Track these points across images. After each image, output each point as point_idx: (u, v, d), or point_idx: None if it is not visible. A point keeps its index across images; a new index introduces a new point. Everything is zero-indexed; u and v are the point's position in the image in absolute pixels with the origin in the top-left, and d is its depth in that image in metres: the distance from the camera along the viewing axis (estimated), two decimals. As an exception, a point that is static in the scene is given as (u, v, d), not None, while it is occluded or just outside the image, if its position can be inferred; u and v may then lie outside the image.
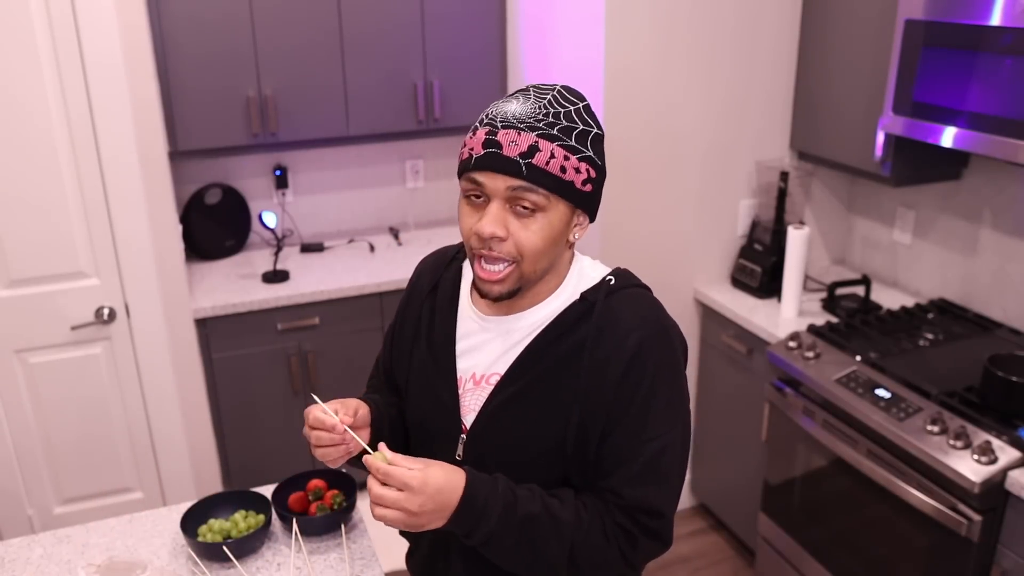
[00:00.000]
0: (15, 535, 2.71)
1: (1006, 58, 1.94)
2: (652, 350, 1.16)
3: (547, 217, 1.13)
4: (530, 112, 1.12)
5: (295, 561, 1.57)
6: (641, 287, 1.25)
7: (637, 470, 1.17)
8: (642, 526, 1.19)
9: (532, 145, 1.09)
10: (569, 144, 1.11)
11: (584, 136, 1.13)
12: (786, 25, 2.72)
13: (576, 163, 1.12)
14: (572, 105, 1.14)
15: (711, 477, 3.06)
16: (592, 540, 1.17)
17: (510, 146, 1.10)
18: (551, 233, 1.14)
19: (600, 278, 1.24)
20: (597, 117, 1.18)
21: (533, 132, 1.10)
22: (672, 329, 1.21)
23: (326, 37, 2.92)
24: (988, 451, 1.87)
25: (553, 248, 1.16)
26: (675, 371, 1.20)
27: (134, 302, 2.66)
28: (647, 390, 1.16)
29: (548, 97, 1.14)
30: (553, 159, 1.10)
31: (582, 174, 1.13)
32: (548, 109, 1.12)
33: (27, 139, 2.40)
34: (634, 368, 1.15)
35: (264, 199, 3.36)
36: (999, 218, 2.44)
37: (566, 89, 1.17)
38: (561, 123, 1.11)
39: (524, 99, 1.14)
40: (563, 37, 2.79)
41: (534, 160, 1.09)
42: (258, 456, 3.06)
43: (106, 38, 2.40)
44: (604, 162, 1.18)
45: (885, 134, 2.34)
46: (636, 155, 2.69)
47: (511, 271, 1.14)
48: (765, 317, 2.65)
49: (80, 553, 1.62)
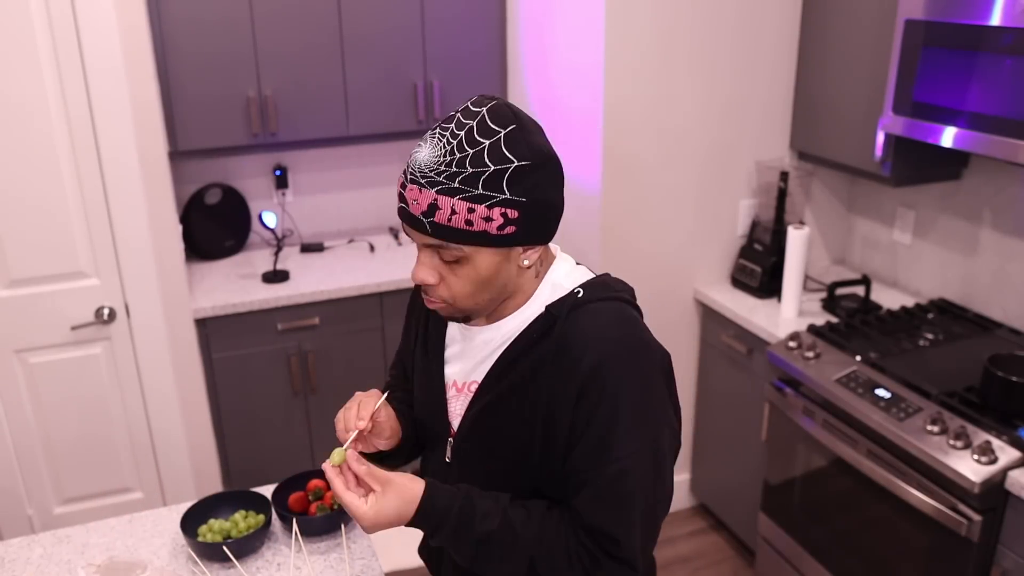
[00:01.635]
0: (15, 535, 2.71)
1: (1006, 58, 1.94)
2: (612, 368, 1.11)
3: (472, 265, 1.10)
4: (433, 161, 1.06)
5: (295, 561, 1.57)
6: (614, 299, 1.18)
7: (597, 493, 1.13)
8: (604, 550, 1.15)
9: (432, 203, 1.06)
10: (474, 194, 1.05)
11: (497, 178, 1.05)
12: (786, 25, 2.72)
13: (485, 212, 1.06)
14: (488, 139, 1.06)
15: (711, 477, 3.06)
16: (554, 558, 1.15)
17: (414, 204, 1.08)
18: (479, 278, 1.12)
19: (567, 286, 1.19)
20: (530, 139, 1.09)
21: (433, 188, 1.06)
22: (641, 345, 1.16)
23: (326, 37, 2.92)
24: (988, 451, 1.87)
25: (488, 287, 1.13)
26: (644, 390, 1.14)
27: (134, 302, 2.66)
28: (607, 410, 1.11)
29: (461, 135, 1.07)
30: (455, 215, 1.05)
31: (495, 220, 1.06)
32: (453, 155, 1.06)
33: (27, 140, 2.40)
34: (591, 387, 1.11)
35: (264, 199, 3.36)
36: (999, 218, 2.44)
37: (494, 115, 1.08)
38: (465, 171, 1.05)
39: (432, 143, 1.08)
40: (563, 37, 2.79)
41: (436, 219, 1.06)
42: (258, 456, 3.06)
43: (106, 39, 2.40)
44: (538, 192, 1.09)
45: (885, 134, 2.34)
46: (636, 155, 2.69)
47: (449, 308, 1.16)
48: (765, 317, 2.65)
49: (80, 553, 1.62)
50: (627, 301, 1.21)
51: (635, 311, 1.22)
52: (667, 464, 1.17)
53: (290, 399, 3.04)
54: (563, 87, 2.84)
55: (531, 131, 1.10)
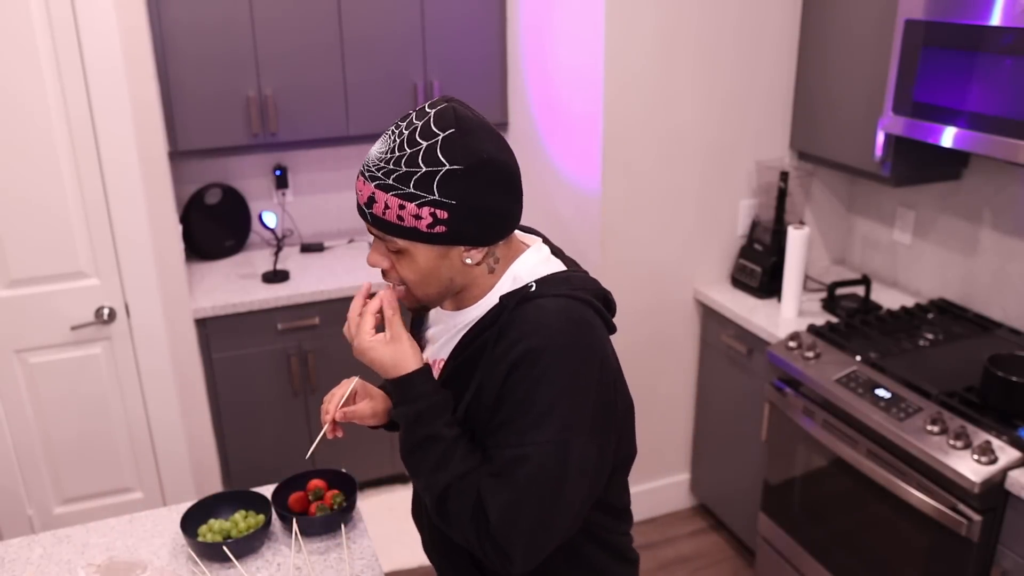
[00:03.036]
0: (15, 535, 2.72)
1: (1006, 58, 1.94)
2: (539, 359, 1.13)
3: (411, 258, 1.17)
4: (378, 157, 1.14)
5: (295, 561, 1.57)
6: (566, 296, 1.19)
7: (493, 470, 1.16)
8: (484, 531, 1.16)
9: (371, 196, 1.14)
10: (405, 192, 1.11)
11: (427, 180, 1.11)
12: (786, 25, 2.72)
13: (415, 210, 1.12)
14: (427, 141, 1.11)
15: (711, 477, 3.06)
16: (466, 499, 1.17)
17: (359, 194, 1.17)
18: (420, 270, 1.18)
19: (527, 279, 1.21)
20: (469, 144, 1.12)
21: (373, 182, 1.14)
22: (577, 346, 1.15)
23: (326, 37, 2.92)
24: (988, 451, 1.87)
25: (432, 280, 1.19)
26: (567, 389, 1.13)
27: (134, 302, 2.66)
28: (523, 396, 1.13)
29: (405, 135, 1.13)
30: (388, 209, 1.13)
31: (424, 219, 1.12)
32: (395, 153, 1.12)
33: (27, 140, 2.40)
34: (516, 372, 1.14)
35: (264, 199, 3.36)
36: (999, 218, 2.44)
37: (438, 117, 1.13)
38: (400, 169, 1.11)
39: (384, 139, 1.16)
40: (563, 38, 2.79)
41: (373, 211, 1.15)
42: (258, 456, 3.06)
43: (106, 39, 2.40)
44: (469, 197, 1.12)
45: (885, 134, 2.35)
46: (636, 155, 2.69)
47: (406, 292, 1.23)
48: (765, 317, 2.66)
49: (80, 553, 1.62)
50: (583, 300, 1.20)
51: (591, 310, 1.21)
52: (573, 471, 1.15)
53: (290, 399, 3.04)
54: (563, 87, 2.84)
55: (473, 136, 1.13)
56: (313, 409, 3.08)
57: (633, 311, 2.87)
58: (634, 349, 2.92)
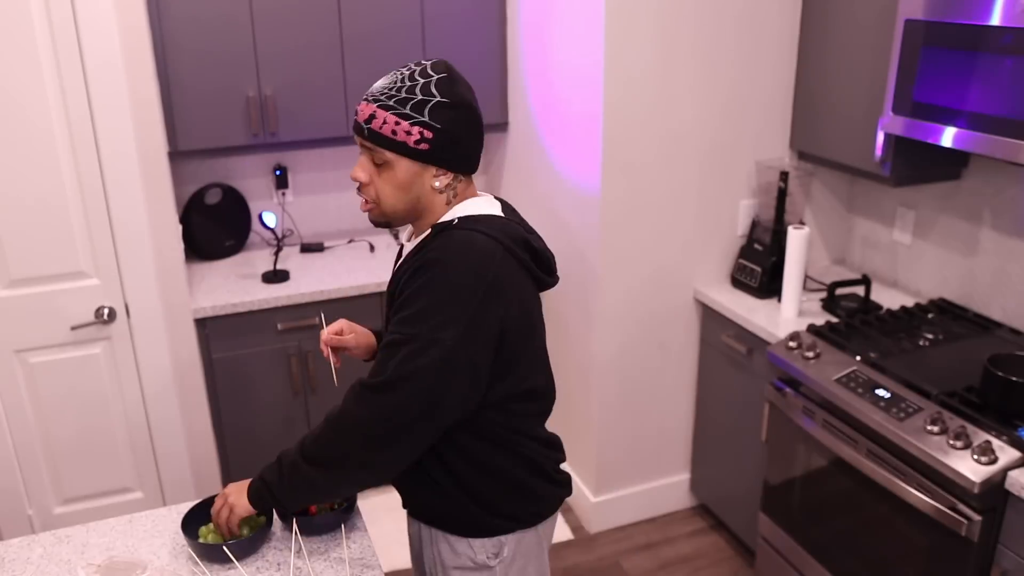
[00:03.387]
0: (15, 535, 2.72)
1: (1006, 58, 1.94)
2: (429, 269, 1.37)
3: (392, 171, 1.42)
4: (382, 87, 1.41)
5: (295, 561, 1.57)
6: (476, 231, 1.41)
7: (380, 347, 1.41)
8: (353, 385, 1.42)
9: (371, 114, 1.40)
10: (402, 112, 1.38)
11: (421, 105, 1.38)
12: (786, 25, 2.72)
13: (408, 127, 1.38)
14: (425, 79, 1.40)
15: (711, 477, 3.06)
16: (313, 431, 1.45)
17: (360, 114, 1.42)
18: (398, 182, 1.43)
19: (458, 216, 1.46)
20: (455, 88, 1.41)
21: (375, 103, 1.40)
22: (463, 262, 1.37)
23: (326, 37, 2.92)
24: (988, 451, 1.87)
25: (406, 194, 1.44)
26: (447, 295, 1.36)
27: (134, 302, 2.66)
28: (409, 295, 1.38)
29: (406, 73, 1.41)
30: (385, 124, 1.39)
31: (413, 135, 1.39)
32: (397, 84, 1.40)
33: (27, 139, 2.40)
34: (413, 278, 1.39)
35: (264, 199, 3.36)
36: (999, 218, 2.44)
37: (434, 66, 1.42)
38: (400, 96, 1.39)
39: (387, 78, 1.43)
40: (563, 37, 2.78)
41: (372, 126, 1.40)
42: (258, 456, 3.06)
43: (106, 38, 2.40)
44: (450, 125, 1.40)
45: (885, 134, 2.35)
46: (636, 155, 2.69)
47: (374, 207, 1.47)
48: (765, 317, 2.66)
49: (80, 553, 1.62)
50: (492, 237, 1.41)
51: (500, 247, 1.42)
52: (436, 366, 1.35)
53: (290, 399, 3.04)
54: (563, 87, 2.84)
55: (459, 84, 1.42)
56: (313, 409, 3.08)
57: (633, 311, 2.87)
58: (634, 349, 2.92)
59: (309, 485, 1.45)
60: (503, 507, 1.55)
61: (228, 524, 1.55)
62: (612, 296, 2.81)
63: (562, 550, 3.02)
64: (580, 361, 3.01)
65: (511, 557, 1.58)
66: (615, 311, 2.84)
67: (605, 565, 2.94)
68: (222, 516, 1.55)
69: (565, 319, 3.08)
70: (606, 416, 2.98)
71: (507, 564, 1.58)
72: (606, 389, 2.94)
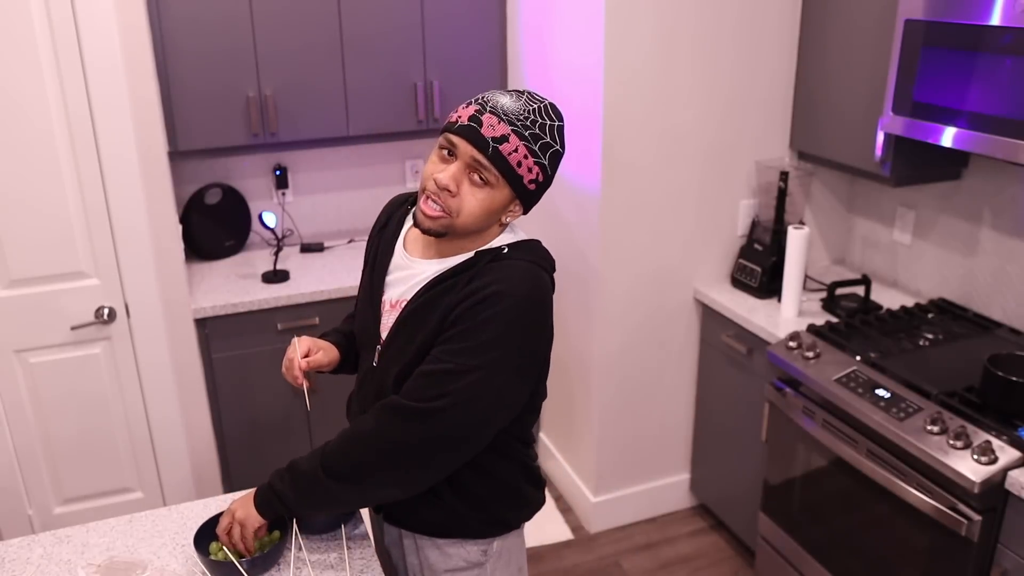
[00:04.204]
0: (15, 535, 2.72)
1: (1006, 58, 1.94)
2: (500, 301, 1.35)
3: (492, 194, 1.38)
4: (517, 111, 1.36)
5: (295, 561, 1.57)
6: (531, 262, 1.42)
7: (422, 372, 1.39)
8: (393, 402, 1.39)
9: (504, 135, 1.34)
10: (533, 148, 1.36)
11: (547, 148, 1.38)
12: (786, 25, 2.72)
13: (531, 164, 1.37)
14: (551, 121, 1.38)
15: (711, 477, 3.06)
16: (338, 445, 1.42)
17: (488, 128, 1.34)
18: (489, 206, 1.39)
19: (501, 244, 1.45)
20: (564, 139, 1.42)
21: (511, 127, 1.35)
22: (534, 302, 1.38)
23: (326, 37, 2.92)
24: (988, 451, 1.87)
25: (486, 218, 1.41)
26: (514, 330, 1.36)
27: (134, 302, 2.66)
28: (473, 325, 1.35)
29: (536, 106, 1.38)
30: (515, 153, 1.35)
31: (532, 174, 1.38)
32: (531, 117, 1.36)
33: (27, 139, 2.40)
34: (477, 307, 1.35)
35: (264, 199, 3.36)
36: (999, 218, 2.44)
37: (552, 107, 1.40)
38: (535, 130, 1.36)
39: (517, 98, 1.38)
40: (563, 37, 2.79)
41: (501, 147, 1.34)
42: (258, 456, 3.06)
43: (106, 38, 2.40)
44: (554, 174, 1.42)
45: (885, 134, 2.35)
46: (636, 155, 2.69)
47: (444, 218, 1.39)
48: (765, 317, 2.66)
49: (80, 553, 1.62)
50: (543, 267, 1.44)
51: (548, 276, 1.45)
52: (492, 398, 1.37)
53: (290, 399, 3.04)
54: (563, 87, 2.84)
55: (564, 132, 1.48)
56: (313, 409, 3.08)
57: (633, 311, 2.87)
58: (634, 349, 2.92)
59: (331, 499, 1.44)
60: (498, 513, 1.57)
61: (244, 542, 1.52)
62: (612, 296, 2.81)
63: (562, 550, 3.02)
64: (580, 361, 3.01)
65: (498, 552, 1.61)
66: (615, 311, 2.84)
67: (605, 565, 2.94)
68: (234, 535, 1.51)
69: (565, 319, 3.08)
70: (606, 416, 2.98)
71: (496, 559, 1.60)
72: (606, 389, 2.94)
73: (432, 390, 1.36)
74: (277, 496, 1.47)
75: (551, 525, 3.14)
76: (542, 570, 2.92)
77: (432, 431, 1.36)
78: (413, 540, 1.60)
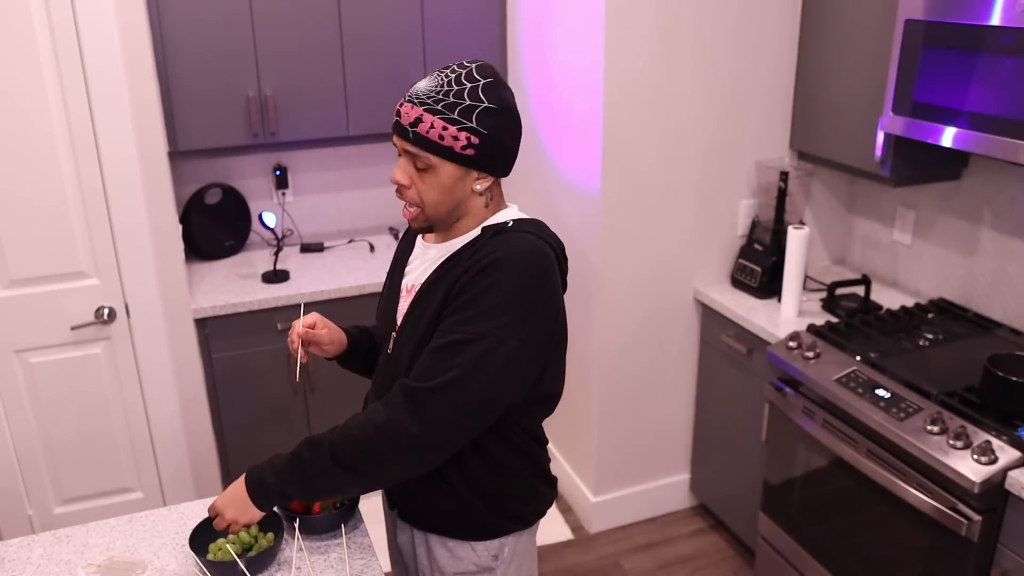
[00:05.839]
0: (15, 535, 2.72)
1: (1006, 58, 1.94)
2: (500, 267, 1.37)
3: (436, 174, 1.40)
4: (428, 89, 1.38)
5: (295, 561, 1.57)
6: (535, 235, 1.44)
7: (432, 349, 1.38)
8: (402, 385, 1.38)
9: (418, 117, 1.37)
10: (450, 117, 1.36)
11: (469, 110, 1.37)
12: (786, 25, 2.72)
13: (455, 132, 1.36)
14: (471, 83, 1.38)
15: (711, 477, 3.06)
16: (347, 433, 1.40)
17: (405, 116, 1.39)
18: (441, 186, 1.41)
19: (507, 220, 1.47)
20: (501, 93, 1.39)
21: (422, 107, 1.37)
22: (536, 269, 1.39)
23: (326, 37, 2.92)
24: (988, 451, 1.87)
25: (449, 197, 1.42)
26: (517, 295, 1.36)
27: (134, 302, 2.66)
28: (477, 294, 1.37)
29: (452, 76, 1.38)
30: (432, 129, 1.36)
31: (460, 140, 1.37)
32: (444, 88, 1.37)
33: (27, 139, 2.40)
34: (479, 275, 1.38)
35: (264, 199, 3.36)
36: (999, 218, 2.44)
37: (480, 70, 1.40)
38: (448, 100, 1.36)
39: (431, 77, 1.40)
40: (563, 37, 2.78)
41: (418, 129, 1.37)
42: (258, 456, 3.06)
43: (106, 38, 2.40)
44: (500, 130, 1.39)
45: (885, 134, 2.35)
46: (636, 155, 2.69)
47: (418, 213, 1.45)
48: (765, 317, 2.66)
49: (80, 553, 1.62)
50: (548, 243, 1.46)
51: (553, 253, 1.46)
52: (501, 365, 1.36)
53: (290, 399, 3.04)
54: (563, 87, 2.84)
55: (504, 89, 1.41)
56: (313, 409, 3.08)
57: (633, 311, 2.87)
58: (634, 349, 2.92)
59: (336, 486, 1.44)
60: (510, 508, 1.57)
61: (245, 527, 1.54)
62: (612, 296, 2.81)
63: (562, 550, 3.02)
64: (580, 361, 3.01)
65: (510, 557, 1.59)
66: (615, 311, 2.84)
67: (605, 565, 2.94)
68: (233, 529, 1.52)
69: (565, 319, 3.08)
70: (606, 416, 2.98)
71: (507, 564, 1.59)
72: (606, 389, 2.94)
73: (442, 364, 1.35)
74: (278, 491, 1.47)
75: (551, 525, 3.14)
76: (542, 570, 2.92)
77: (446, 407, 1.35)
78: (425, 539, 1.60)
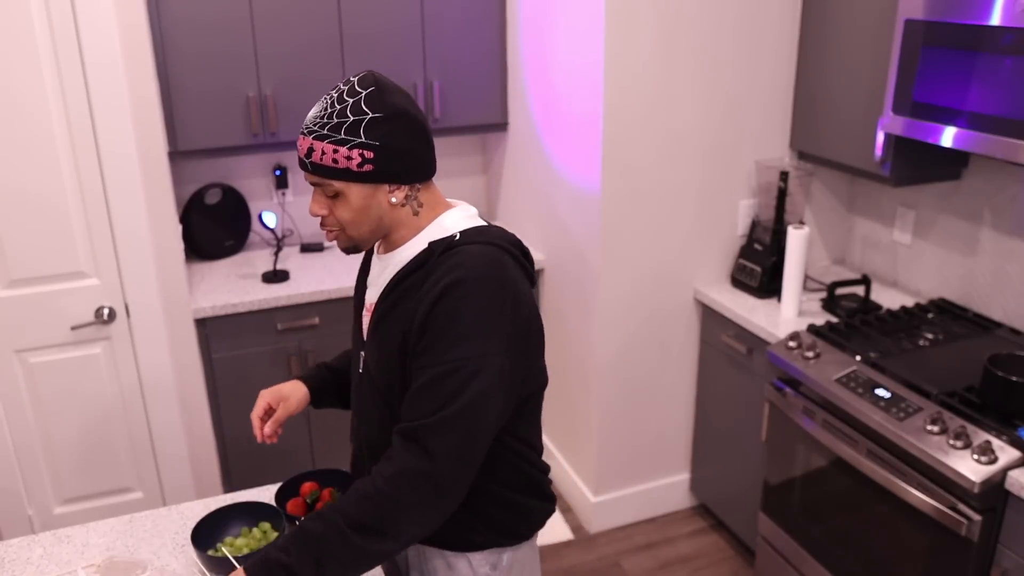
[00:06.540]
0: (15, 535, 2.72)
1: (1006, 58, 1.94)
2: (457, 288, 1.31)
3: (346, 198, 1.37)
4: (314, 116, 1.35)
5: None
6: (485, 243, 1.38)
7: (416, 388, 1.33)
8: (402, 438, 1.31)
9: (309, 147, 1.35)
10: (338, 138, 1.32)
11: (356, 126, 1.32)
12: (786, 25, 2.72)
13: (346, 152, 1.32)
14: (353, 97, 1.34)
15: (711, 477, 3.06)
16: (353, 494, 1.31)
17: (300, 149, 1.37)
18: (353, 208, 1.37)
19: (453, 230, 1.41)
20: (386, 99, 1.34)
21: (310, 136, 1.35)
22: (493, 279, 1.34)
23: (326, 37, 2.92)
24: (988, 451, 1.87)
25: (366, 217, 1.39)
26: (484, 311, 1.32)
27: (134, 302, 2.66)
28: (444, 321, 1.31)
29: (335, 95, 1.35)
30: (324, 155, 1.33)
31: (355, 159, 1.33)
32: (328, 111, 1.34)
33: (27, 139, 2.40)
34: (438, 302, 1.32)
35: (264, 199, 3.36)
36: (999, 218, 2.44)
37: (361, 82, 1.35)
38: (332, 122, 1.33)
39: (318, 105, 1.37)
40: (563, 37, 2.78)
41: (312, 159, 1.35)
42: (258, 456, 3.06)
43: (106, 38, 2.40)
44: (389, 139, 1.34)
45: (885, 134, 2.35)
46: (636, 155, 2.69)
47: (340, 234, 1.42)
48: (765, 317, 2.66)
49: (80, 553, 1.62)
50: (499, 246, 1.40)
51: (507, 255, 1.40)
52: (491, 385, 1.31)
53: (290, 399, 3.03)
54: (563, 87, 2.84)
55: (390, 93, 1.35)
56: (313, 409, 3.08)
57: (633, 311, 2.87)
58: (634, 349, 2.92)
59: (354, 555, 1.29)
60: (507, 527, 1.53)
61: None
62: (612, 296, 2.81)
63: (562, 550, 3.02)
64: (580, 361, 3.01)
65: (509, 564, 1.55)
66: (615, 311, 2.84)
67: (605, 565, 2.94)
68: None
69: (565, 319, 3.08)
70: (606, 416, 2.98)
71: (506, 571, 1.55)
72: (606, 389, 2.94)
73: (432, 401, 1.30)
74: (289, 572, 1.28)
75: (551, 525, 3.14)
76: (542, 570, 2.92)
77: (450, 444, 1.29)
78: (418, 551, 1.56)
